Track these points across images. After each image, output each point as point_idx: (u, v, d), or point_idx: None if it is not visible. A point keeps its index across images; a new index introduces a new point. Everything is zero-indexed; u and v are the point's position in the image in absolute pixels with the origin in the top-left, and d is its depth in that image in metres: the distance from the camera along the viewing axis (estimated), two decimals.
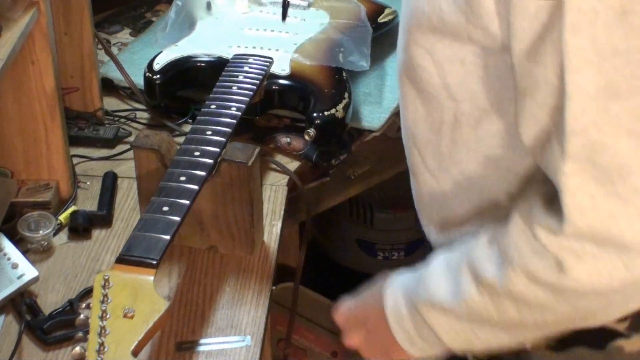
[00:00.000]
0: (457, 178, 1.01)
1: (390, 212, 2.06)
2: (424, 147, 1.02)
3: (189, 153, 1.15)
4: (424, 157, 1.03)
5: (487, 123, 0.94)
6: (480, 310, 0.92)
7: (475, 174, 0.99)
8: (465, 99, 0.94)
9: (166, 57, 1.50)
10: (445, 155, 1.00)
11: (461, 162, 0.99)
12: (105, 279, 0.96)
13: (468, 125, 0.95)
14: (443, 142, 0.99)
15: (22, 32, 1.15)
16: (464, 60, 0.91)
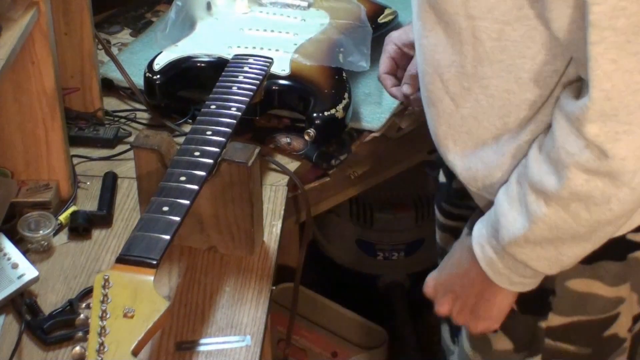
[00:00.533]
0: (479, 97, 1.05)
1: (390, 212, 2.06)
2: (447, 71, 1.06)
3: (189, 153, 1.15)
4: (445, 81, 1.07)
5: (509, 32, 0.98)
6: (557, 224, 0.98)
7: (498, 89, 1.03)
8: (482, 14, 0.98)
9: (166, 57, 1.50)
10: (469, 73, 1.04)
11: (484, 78, 1.03)
12: (105, 279, 0.96)
13: (489, 38, 0.99)
14: (467, 60, 1.03)
15: (22, 32, 1.15)
16: None
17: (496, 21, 0.97)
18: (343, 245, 2.13)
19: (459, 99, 1.07)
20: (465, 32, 1.00)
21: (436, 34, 1.05)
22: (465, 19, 0.99)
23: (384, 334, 1.92)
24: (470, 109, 1.06)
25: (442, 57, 1.06)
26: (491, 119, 1.05)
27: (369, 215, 2.06)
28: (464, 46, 1.02)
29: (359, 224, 2.08)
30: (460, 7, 0.99)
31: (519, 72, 1.00)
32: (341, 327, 1.93)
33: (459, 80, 1.05)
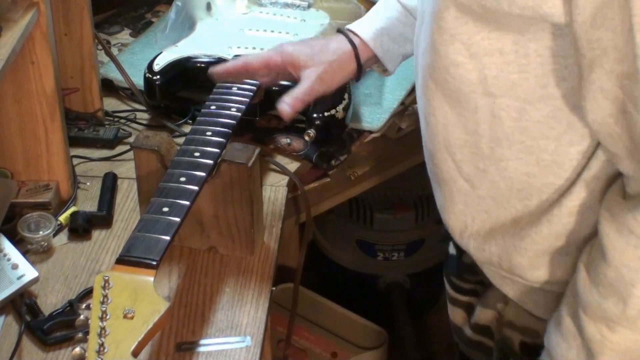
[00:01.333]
0: (496, 179, 0.99)
1: (390, 213, 2.06)
2: (459, 151, 1.01)
3: (189, 154, 1.15)
4: (458, 162, 1.01)
5: (530, 112, 0.93)
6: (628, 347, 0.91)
7: (517, 172, 0.98)
8: (503, 92, 0.93)
9: (166, 57, 1.50)
10: (485, 154, 0.98)
11: (502, 160, 0.98)
12: (105, 279, 0.96)
13: (509, 118, 0.94)
14: (482, 141, 0.98)
15: (22, 32, 1.15)
16: (503, 50, 0.91)
17: (518, 99, 0.93)
18: (343, 245, 2.13)
19: (475, 180, 1.02)
20: (482, 110, 0.95)
21: (444, 112, 1.00)
22: (483, 97, 0.94)
23: (384, 334, 1.92)
24: (488, 191, 1.01)
25: (453, 136, 1.00)
26: (511, 201, 1.00)
27: (369, 215, 2.06)
28: (480, 126, 0.97)
29: (359, 224, 2.08)
30: (478, 85, 0.94)
31: (541, 154, 0.96)
32: (341, 328, 1.93)
33: (473, 162, 1.00)
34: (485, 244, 1.05)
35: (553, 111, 0.92)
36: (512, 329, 1.13)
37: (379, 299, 2.13)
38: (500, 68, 0.92)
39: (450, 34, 0.92)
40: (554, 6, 0.84)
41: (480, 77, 0.93)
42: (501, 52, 0.91)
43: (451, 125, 0.99)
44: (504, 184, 0.99)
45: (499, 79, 0.92)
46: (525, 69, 0.91)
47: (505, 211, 1.01)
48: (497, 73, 0.92)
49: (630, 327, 0.90)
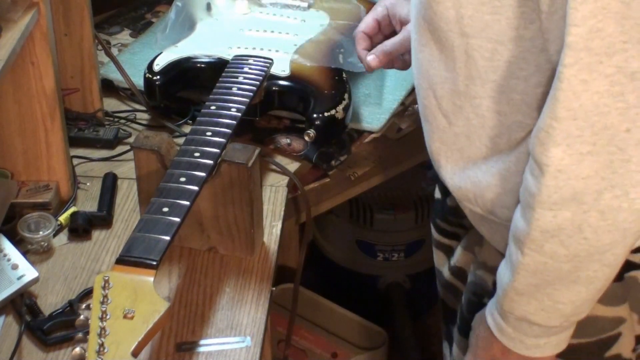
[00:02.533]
0: (470, 116, 1.04)
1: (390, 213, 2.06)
2: (440, 87, 1.05)
3: (189, 154, 1.15)
4: (439, 98, 1.06)
5: (502, 52, 0.97)
6: (537, 268, 0.97)
7: (489, 109, 1.01)
8: (476, 33, 0.97)
9: (166, 58, 1.50)
10: (461, 92, 1.02)
11: (475, 97, 1.02)
12: (105, 279, 0.96)
13: (482, 58, 0.98)
14: (459, 78, 1.02)
15: (22, 33, 1.15)
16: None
17: (490, 40, 0.97)
18: (343, 245, 2.13)
19: (452, 117, 1.06)
20: (458, 49, 1.00)
21: (430, 49, 1.04)
22: (459, 37, 0.99)
23: (384, 335, 1.92)
24: (462, 127, 1.06)
25: (436, 73, 1.05)
26: (482, 139, 1.04)
27: (369, 215, 2.06)
28: (457, 63, 1.01)
29: (359, 224, 2.08)
30: (454, 25, 0.98)
31: (511, 94, 0.99)
32: (341, 328, 1.93)
33: (451, 98, 1.05)
34: (461, 181, 1.09)
35: (522, 52, 0.96)
36: (485, 270, 1.16)
37: (379, 299, 2.13)
38: (475, 8, 0.96)
39: None
40: None
41: (457, 16, 0.97)
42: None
43: (435, 61, 1.04)
44: (478, 121, 1.03)
45: (473, 18, 0.96)
46: (498, 10, 0.94)
47: (477, 149, 1.05)
48: (472, 13, 0.96)
49: (536, 250, 0.96)
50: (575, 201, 0.91)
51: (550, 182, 0.91)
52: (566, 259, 0.95)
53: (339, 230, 2.12)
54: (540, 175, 0.92)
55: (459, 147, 1.07)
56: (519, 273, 0.98)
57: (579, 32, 0.85)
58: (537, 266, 0.97)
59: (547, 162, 0.91)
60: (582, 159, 0.89)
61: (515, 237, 0.98)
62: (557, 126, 0.89)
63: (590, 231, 0.92)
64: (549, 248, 0.95)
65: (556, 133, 0.89)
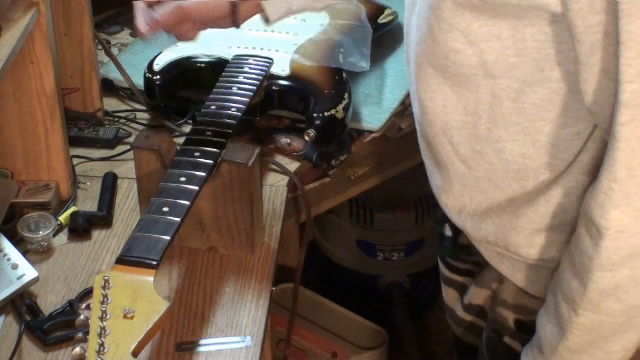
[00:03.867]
0: (493, 161, 1.01)
1: (390, 213, 2.06)
2: (457, 133, 1.02)
3: (189, 153, 1.15)
4: (455, 144, 1.03)
5: (528, 94, 0.95)
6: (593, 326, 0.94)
7: (513, 153, 0.99)
8: (503, 74, 0.95)
9: (166, 57, 1.50)
10: (482, 136, 1.00)
11: (498, 141, 0.99)
12: (105, 279, 0.96)
13: (508, 98, 0.96)
14: (481, 122, 1.00)
15: (22, 32, 1.15)
16: (500, 35, 0.93)
17: (517, 81, 0.95)
18: (343, 245, 2.13)
19: (471, 162, 1.03)
20: (484, 89, 0.97)
21: (443, 95, 1.01)
22: (485, 78, 0.96)
23: (384, 334, 1.92)
24: (484, 172, 1.03)
25: (452, 118, 1.02)
26: (507, 181, 1.02)
27: (369, 215, 2.06)
28: (480, 106, 0.98)
29: (359, 224, 2.08)
30: (478, 69, 0.96)
31: (537, 136, 0.97)
32: (341, 328, 1.93)
33: (470, 143, 1.02)
34: (482, 222, 1.07)
35: (549, 94, 0.94)
36: (506, 307, 1.14)
37: (379, 299, 2.13)
38: (499, 52, 0.94)
39: (448, 23, 0.95)
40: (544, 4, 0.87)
41: (480, 62, 0.95)
42: (499, 37, 0.93)
43: (450, 106, 1.01)
44: (501, 165, 1.01)
45: (498, 62, 0.94)
46: (523, 52, 0.93)
47: (502, 191, 1.03)
48: (496, 57, 0.94)
49: (592, 310, 0.94)
50: (633, 257, 0.90)
51: (610, 245, 0.89)
52: (622, 312, 0.93)
53: (339, 230, 2.12)
54: (599, 237, 0.90)
55: (482, 190, 1.05)
56: (572, 332, 0.96)
57: (635, 89, 0.83)
58: (593, 324, 0.94)
59: (606, 225, 0.89)
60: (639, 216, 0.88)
61: (566, 297, 0.96)
62: (616, 188, 0.87)
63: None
64: (605, 306, 0.93)
65: (615, 195, 0.87)
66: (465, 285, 1.25)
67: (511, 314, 1.14)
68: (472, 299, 1.23)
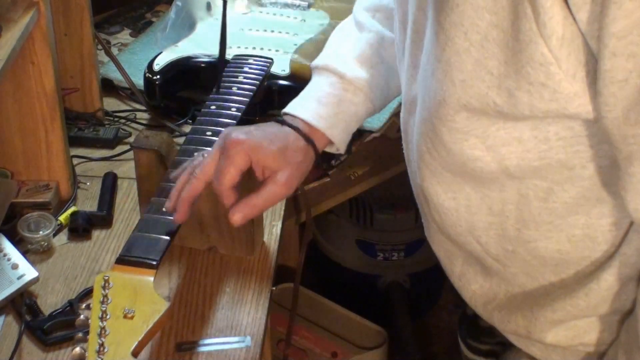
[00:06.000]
0: (527, 258, 0.95)
1: (390, 213, 2.06)
2: (484, 234, 0.96)
3: (189, 154, 1.15)
4: (484, 244, 0.97)
5: (558, 192, 0.89)
6: None
7: (548, 250, 0.93)
8: (528, 175, 0.89)
9: (166, 57, 1.50)
10: (512, 236, 0.94)
11: (530, 242, 0.93)
12: (105, 279, 0.96)
13: (537, 198, 0.90)
14: (509, 222, 0.93)
15: (22, 32, 1.15)
16: (521, 138, 0.85)
17: (545, 180, 0.88)
18: (343, 245, 2.13)
19: (505, 260, 0.96)
20: (510, 189, 0.90)
21: (466, 195, 0.94)
22: (508, 179, 0.89)
23: (384, 334, 1.92)
24: (520, 268, 0.96)
25: (478, 219, 0.94)
26: (546, 275, 0.95)
27: (369, 215, 2.06)
28: (507, 206, 0.91)
29: (359, 224, 2.08)
30: (500, 173, 0.88)
31: (571, 230, 0.90)
32: (341, 328, 1.93)
33: (500, 243, 0.95)
34: (511, 315, 1.00)
35: (581, 191, 0.88)
36: None
37: (379, 299, 2.13)
38: (520, 157, 0.87)
39: (464, 132, 0.87)
40: (580, 105, 0.79)
41: (501, 167, 0.88)
42: (519, 140, 0.85)
43: (475, 207, 0.94)
44: (537, 261, 0.94)
45: (520, 167, 0.87)
46: (547, 154, 0.86)
47: (539, 284, 0.96)
48: (517, 162, 0.87)
49: None
50: None
51: None
52: None
53: (339, 230, 2.12)
54: None
55: (520, 284, 0.97)
56: None
57: None
58: None
59: None
60: None
61: None
62: None
63: None
64: None
65: None
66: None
67: None
68: None
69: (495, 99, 0.82)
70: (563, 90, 0.78)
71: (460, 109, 0.85)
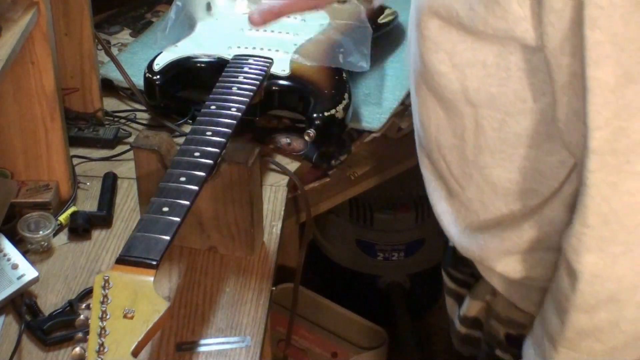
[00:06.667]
0: (481, 184, 1.01)
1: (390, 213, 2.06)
2: (449, 153, 1.02)
3: (189, 154, 1.15)
4: (449, 163, 1.03)
5: (511, 124, 0.94)
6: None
7: (500, 178, 0.99)
8: (484, 104, 0.94)
9: (166, 57, 1.50)
10: (469, 160, 1.00)
11: (485, 167, 0.99)
12: (105, 279, 0.96)
13: (491, 128, 0.96)
14: (467, 147, 0.99)
15: (22, 32, 1.15)
16: (485, 62, 0.91)
17: (499, 111, 0.94)
18: (343, 245, 2.13)
19: (462, 182, 1.03)
20: (468, 118, 0.97)
21: (437, 114, 1.01)
22: (467, 106, 0.96)
23: (384, 334, 1.92)
24: (475, 194, 1.03)
25: (444, 138, 1.02)
26: (496, 204, 1.01)
27: (369, 215, 2.06)
28: (466, 132, 0.98)
29: (359, 224, 2.08)
30: (460, 94, 0.95)
31: (523, 162, 0.96)
32: (341, 327, 1.93)
33: (460, 165, 1.02)
34: (470, 241, 1.07)
35: (532, 124, 0.93)
36: (498, 320, 1.14)
37: (379, 299, 2.13)
38: (481, 80, 0.93)
39: (434, 42, 0.94)
40: (526, 30, 0.85)
41: (462, 88, 0.94)
42: (484, 64, 0.91)
43: (442, 127, 1.01)
44: (489, 188, 1.01)
45: (479, 91, 0.93)
46: (505, 82, 0.91)
47: (491, 214, 1.03)
48: (477, 85, 0.93)
49: (571, 348, 0.93)
50: (612, 301, 0.89)
51: (585, 288, 0.89)
52: (603, 353, 0.93)
53: (339, 230, 2.12)
54: (575, 280, 0.89)
55: (474, 210, 1.04)
56: None
57: (603, 135, 0.82)
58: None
59: (581, 269, 0.88)
60: (616, 260, 0.87)
61: (547, 332, 0.96)
62: (588, 233, 0.87)
63: (628, 324, 0.90)
64: (585, 345, 0.93)
65: (587, 239, 0.87)
66: (462, 296, 1.25)
67: (502, 328, 1.14)
68: (467, 312, 1.22)
69: (459, 10, 0.89)
70: (513, 12, 0.85)
71: (433, 15, 0.92)
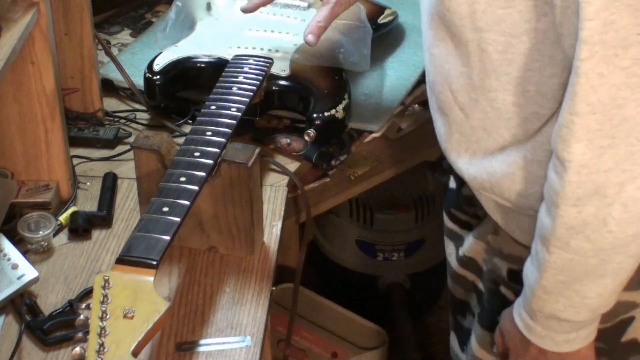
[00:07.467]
0: (486, 109, 1.05)
1: (390, 213, 2.06)
2: (456, 81, 1.07)
3: (189, 154, 1.15)
4: (454, 91, 1.08)
5: (516, 45, 0.98)
6: (565, 265, 0.97)
7: (505, 102, 1.03)
8: (489, 27, 0.98)
9: (166, 57, 1.50)
10: (476, 85, 1.04)
11: (491, 91, 1.03)
12: (105, 279, 0.96)
13: (496, 51, 1.00)
14: (474, 72, 1.04)
15: (22, 32, 1.15)
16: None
17: (503, 34, 0.98)
18: (343, 245, 2.13)
19: (468, 110, 1.08)
20: (472, 44, 1.01)
21: (446, 44, 1.06)
22: (472, 31, 1.00)
23: (384, 334, 1.92)
24: (479, 120, 1.07)
25: (451, 67, 1.06)
26: (500, 130, 1.06)
27: (369, 215, 2.06)
28: (471, 58, 1.03)
29: (359, 224, 2.08)
30: (467, 19, 0.99)
31: (526, 85, 1.01)
32: (341, 328, 1.93)
33: (467, 92, 1.06)
34: (477, 171, 1.11)
35: (536, 44, 0.97)
36: (501, 257, 1.18)
37: (379, 299, 2.13)
38: (488, 2, 0.97)
39: None
40: None
41: (470, 11, 0.99)
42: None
43: (451, 56, 1.06)
44: (494, 113, 1.05)
45: (486, 13, 0.98)
46: (511, 4, 0.96)
47: (494, 141, 1.07)
48: (485, 7, 0.98)
49: (562, 247, 0.97)
50: (598, 195, 0.92)
51: (573, 178, 0.92)
52: (592, 254, 0.96)
53: (339, 230, 2.12)
54: (563, 171, 0.93)
55: (477, 139, 1.09)
56: (546, 271, 0.99)
57: (593, 26, 0.86)
58: (564, 263, 0.97)
59: (569, 158, 0.92)
60: (602, 153, 0.90)
61: (541, 235, 0.99)
62: (577, 121, 0.90)
63: (615, 224, 0.93)
64: (575, 244, 0.96)
65: (577, 128, 0.90)
66: (462, 238, 1.29)
67: (505, 264, 1.17)
68: (467, 251, 1.26)
69: None
70: None
71: None
